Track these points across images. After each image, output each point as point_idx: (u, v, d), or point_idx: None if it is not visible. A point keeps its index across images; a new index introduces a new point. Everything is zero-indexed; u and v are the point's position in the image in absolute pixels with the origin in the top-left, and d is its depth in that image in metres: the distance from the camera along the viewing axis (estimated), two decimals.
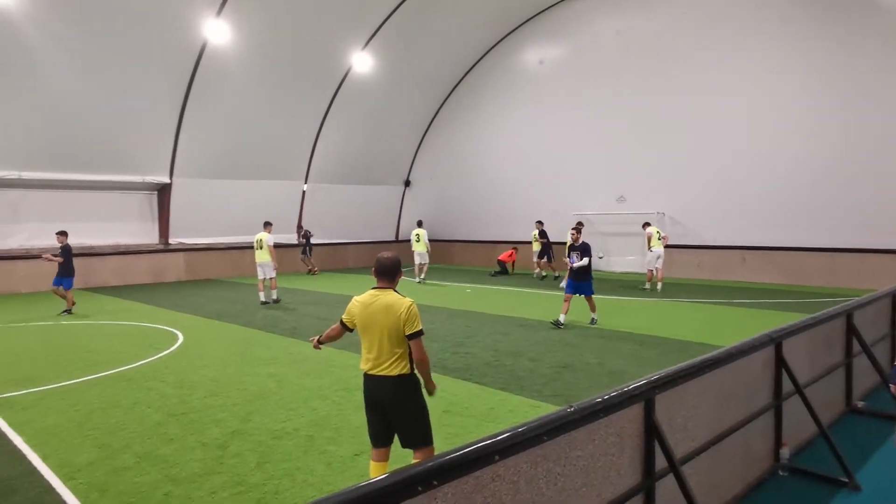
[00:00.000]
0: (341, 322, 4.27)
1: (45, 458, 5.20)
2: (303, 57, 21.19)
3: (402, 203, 28.26)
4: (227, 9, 18.31)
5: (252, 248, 15.80)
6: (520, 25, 24.23)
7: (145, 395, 7.15)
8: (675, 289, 16.65)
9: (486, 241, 25.18)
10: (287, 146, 22.93)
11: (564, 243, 20.01)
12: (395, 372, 3.99)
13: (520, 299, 15.30)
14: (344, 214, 25.42)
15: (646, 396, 3.28)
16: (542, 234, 20.44)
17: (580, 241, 11.41)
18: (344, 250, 25.56)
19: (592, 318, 11.51)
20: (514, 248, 22.50)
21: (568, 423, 2.76)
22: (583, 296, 11.37)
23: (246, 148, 21.60)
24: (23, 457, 5.26)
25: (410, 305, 4.00)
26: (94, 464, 5.11)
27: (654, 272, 16.41)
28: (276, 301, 15.00)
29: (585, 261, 11.13)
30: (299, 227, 23.45)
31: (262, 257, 14.83)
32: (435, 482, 2.21)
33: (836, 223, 16.49)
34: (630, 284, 17.83)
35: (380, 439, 4.16)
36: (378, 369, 4.01)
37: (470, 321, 11.95)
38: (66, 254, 13.61)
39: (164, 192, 20.89)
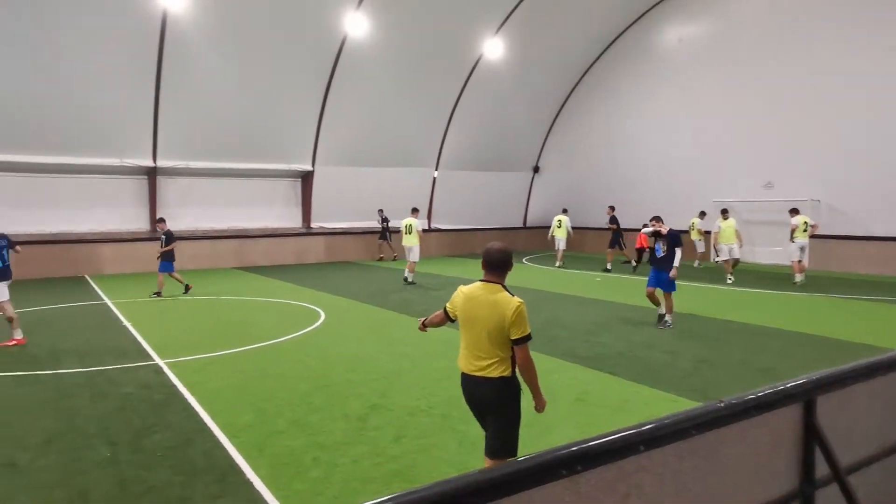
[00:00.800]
0: (445, 310, 4.10)
1: (213, 417, 5.85)
2: (436, 45, 21.61)
3: (530, 189, 28.07)
4: (366, 1, 19.13)
5: (398, 232, 16.70)
6: (657, 3, 22.97)
7: (293, 366, 7.77)
8: (832, 283, 15.11)
9: (620, 228, 24.31)
10: (419, 134, 23.60)
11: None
12: (495, 374, 3.70)
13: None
14: (472, 200, 25.74)
15: (806, 397, 3.02)
16: (613, 219, 19.58)
17: (668, 230, 10.26)
18: (472, 236, 25.89)
19: (663, 318, 10.03)
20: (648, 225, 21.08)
21: (718, 418, 2.62)
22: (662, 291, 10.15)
23: (381, 136, 22.52)
24: (195, 414, 5.96)
25: (519, 307, 3.65)
26: (253, 426, 5.66)
27: (800, 263, 15.15)
28: (411, 283, 15.63)
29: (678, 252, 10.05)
30: (380, 211, 22.86)
31: (411, 241, 15.71)
32: (579, 467, 2.20)
33: None
34: (778, 277, 16.43)
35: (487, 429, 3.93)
36: (477, 370, 3.75)
37: (601, 310, 11.66)
38: (172, 239, 14.22)
39: (306, 178, 22.39)
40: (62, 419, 5.84)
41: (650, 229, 10.43)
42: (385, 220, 22.56)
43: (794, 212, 15.66)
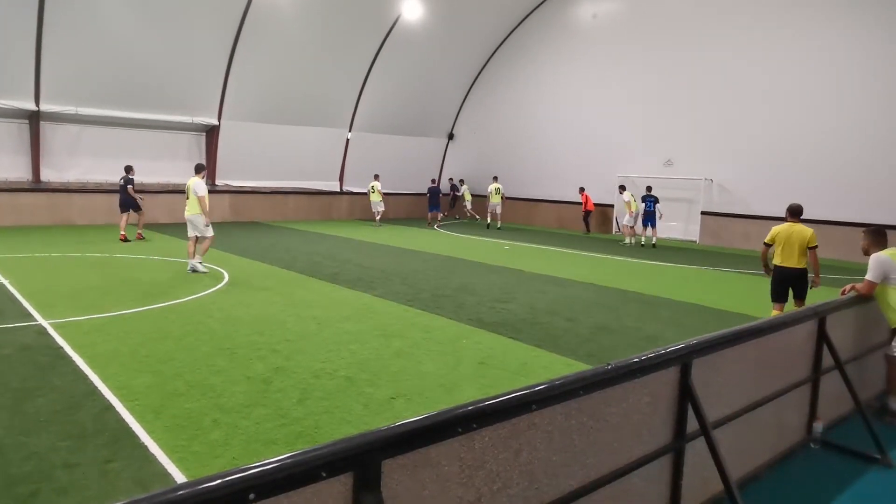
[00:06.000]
0: (765, 244, 7.72)
1: (104, 380, 5.56)
2: (353, 1, 20.94)
3: (444, 156, 28.15)
4: None
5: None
6: None
7: (194, 328, 7.51)
8: (719, 258, 16.36)
9: (528, 198, 25.01)
10: (333, 93, 22.95)
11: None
12: (800, 265, 7.41)
13: (559, 259, 15.27)
14: (386, 165, 25.43)
15: (683, 360, 3.32)
16: (454, 187, 25.91)
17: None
18: (384, 201, 25.66)
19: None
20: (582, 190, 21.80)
21: (604, 380, 2.83)
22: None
23: (293, 93, 21.72)
24: (85, 377, 5.65)
25: (813, 232, 7.37)
26: (150, 388, 5.45)
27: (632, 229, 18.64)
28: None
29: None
30: (450, 179, 26.81)
31: (496, 199, 21.82)
32: (474, 425, 2.32)
33: None
34: (673, 250, 17.57)
35: (779, 298, 7.60)
36: (789, 264, 7.42)
37: (507, 278, 12.03)
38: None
39: (212, 133, 21.28)
40: None
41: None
42: (454, 187, 26.22)
43: (623, 189, 19.11)
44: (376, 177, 22.43)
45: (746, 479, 4.08)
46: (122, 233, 15.54)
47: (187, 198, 11.39)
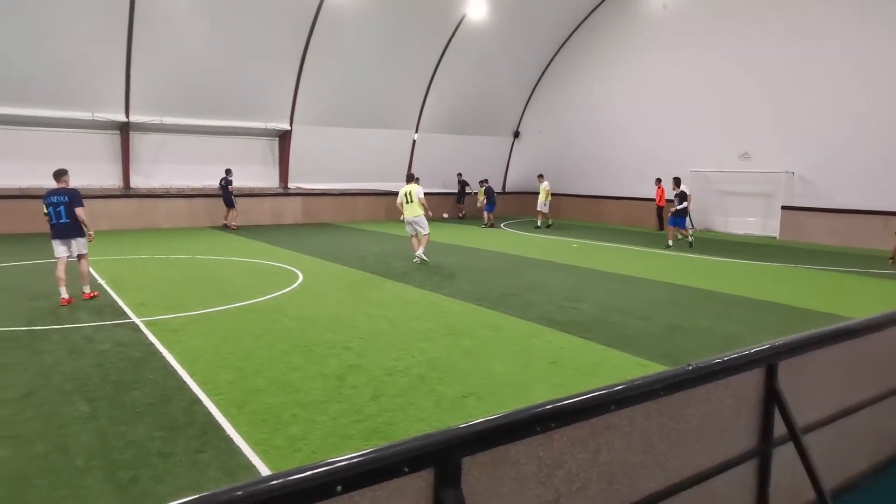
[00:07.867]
0: None
1: (192, 375, 5.89)
2: (418, 4, 21.18)
3: (510, 154, 28.01)
4: None
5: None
6: None
7: (271, 326, 7.81)
8: (802, 255, 15.51)
9: (596, 195, 24.54)
10: (400, 95, 23.28)
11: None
12: None
13: (629, 257, 14.91)
14: (452, 164, 25.58)
15: (768, 362, 3.17)
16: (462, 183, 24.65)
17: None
18: (449, 200, 25.83)
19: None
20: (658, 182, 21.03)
21: (686, 380, 2.74)
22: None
23: (361, 97, 22.19)
24: (174, 372, 5.99)
25: None
26: (232, 384, 5.72)
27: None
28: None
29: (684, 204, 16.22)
30: (458, 174, 25.56)
31: (543, 196, 21.77)
32: (553, 424, 2.30)
33: None
34: (750, 246, 16.79)
35: None
36: None
37: (577, 276, 11.85)
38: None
39: (284, 138, 22.04)
40: (38, 375, 5.83)
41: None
42: (464, 183, 25.18)
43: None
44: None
45: (842, 489, 3.86)
46: (228, 222, 19.52)
47: (409, 202, 12.84)
